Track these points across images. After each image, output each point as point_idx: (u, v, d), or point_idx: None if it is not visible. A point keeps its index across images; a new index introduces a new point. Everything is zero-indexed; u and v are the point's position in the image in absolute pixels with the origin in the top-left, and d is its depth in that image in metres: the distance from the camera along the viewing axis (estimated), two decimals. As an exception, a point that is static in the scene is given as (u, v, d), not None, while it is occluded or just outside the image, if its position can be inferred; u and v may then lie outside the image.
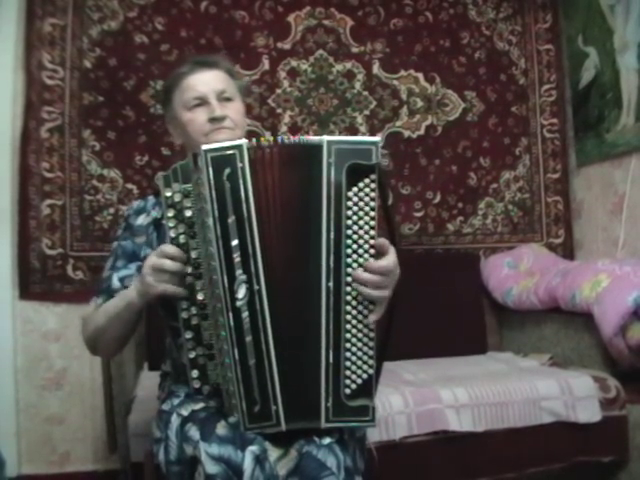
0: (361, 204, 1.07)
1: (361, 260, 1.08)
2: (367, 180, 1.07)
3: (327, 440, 1.08)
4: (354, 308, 1.09)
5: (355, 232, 1.07)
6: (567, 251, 2.79)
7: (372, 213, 1.07)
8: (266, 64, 2.59)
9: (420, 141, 2.70)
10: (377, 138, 1.08)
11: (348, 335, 1.08)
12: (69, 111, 2.40)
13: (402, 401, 1.70)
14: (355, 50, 2.67)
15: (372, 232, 1.08)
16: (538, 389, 1.81)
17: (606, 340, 1.91)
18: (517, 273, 2.48)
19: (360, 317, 1.09)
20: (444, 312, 2.41)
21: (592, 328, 1.98)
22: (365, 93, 2.68)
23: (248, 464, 1.01)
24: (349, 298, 1.08)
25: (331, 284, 1.07)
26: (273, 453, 1.07)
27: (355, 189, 1.07)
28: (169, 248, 1.12)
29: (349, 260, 1.07)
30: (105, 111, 2.43)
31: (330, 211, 1.06)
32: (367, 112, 2.68)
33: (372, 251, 1.08)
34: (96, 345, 1.32)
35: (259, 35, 2.59)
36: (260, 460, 1.03)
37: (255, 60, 2.58)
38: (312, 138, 1.09)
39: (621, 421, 1.85)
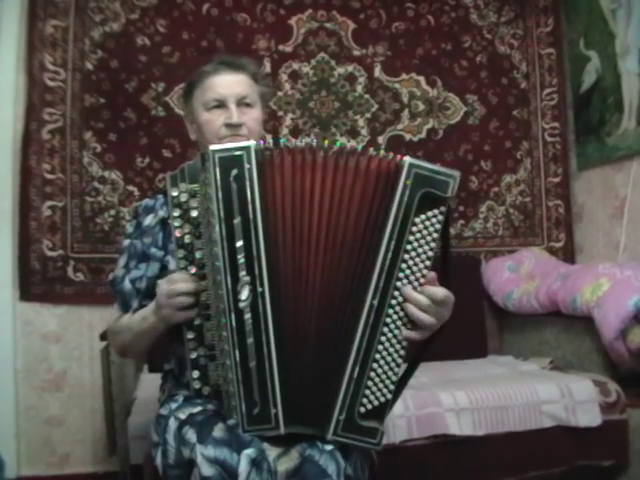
0: (425, 232, 1.06)
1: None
2: (436, 211, 1.06)
3: (329, 446, 1.07)
4: (391, 331, 1.08)
5: (412, 258, 1.06)
6: (568, 255, 2.79)
7: (432, 244, 1.07)
8: (267, 67, 2.59)
9: (421, 144, 2.70)
10: (457, 173, 1.07)
11: (378, 356, 1.08)
12: (70, 113, 2.40)
13: (402, 404, 1.69)
14: (357, 53, 2.67)
15: (427, 262, 1.07)
16: (538, 393, 1.80)
17: (606, 344, 1.91)
18: (518, 277, 2.48)
19: (394, 341, 1.08)
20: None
21: (593, 332, 1.98)
22: (366, 96, 2.68)
23: (243, 467, 1.01)
24: (389, 320, 1.08)
25: (375, 302, 1.06)
26: (272, 452, 1.06)
27: (423, 217, 1.06)
28: (179, 279, 1.13)
29: (399, 284, 1.07)
30: (106, 113, 2.43)
31: (394, 232, 1.05)
32: (368, 115, 2.68)
33: (423, 280, 1.08)
34: (126, 355, 1.46)
35: (261, 38, 2.59)
36: (257, 463, 1.02)
37: (256, 63, 2.58)
38: (391, 155, 1.07)
39: (621, 425, 1.84)
